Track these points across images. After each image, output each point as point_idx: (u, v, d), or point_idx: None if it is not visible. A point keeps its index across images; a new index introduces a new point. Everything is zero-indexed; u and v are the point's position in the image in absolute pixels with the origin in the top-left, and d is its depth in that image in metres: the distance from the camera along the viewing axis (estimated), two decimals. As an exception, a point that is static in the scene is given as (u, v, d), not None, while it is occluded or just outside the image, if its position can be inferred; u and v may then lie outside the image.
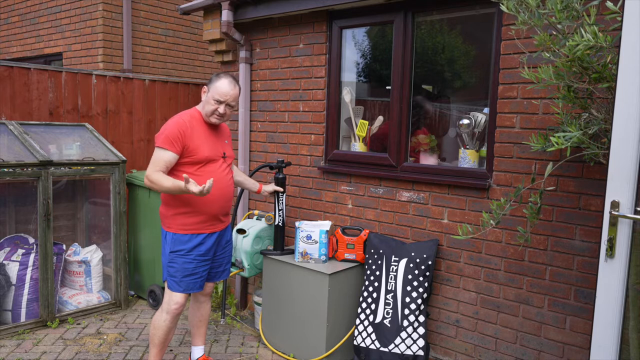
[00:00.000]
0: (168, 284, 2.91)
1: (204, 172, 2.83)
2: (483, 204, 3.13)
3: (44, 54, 7.35)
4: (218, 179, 2.86)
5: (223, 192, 2.91)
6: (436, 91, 3.99)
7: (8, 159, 3.65)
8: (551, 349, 2.93)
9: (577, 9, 2.13)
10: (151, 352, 3.02)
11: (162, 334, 2.95)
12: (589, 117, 2.30)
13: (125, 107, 5.08)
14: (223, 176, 2.92)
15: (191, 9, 4.46)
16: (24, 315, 3.78)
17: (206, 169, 2.84)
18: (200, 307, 3.19)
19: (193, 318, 3.21)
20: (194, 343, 3.26)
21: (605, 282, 1.95)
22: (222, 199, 2.91)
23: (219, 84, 2.85)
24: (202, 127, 2.88)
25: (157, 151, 2.77)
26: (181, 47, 7.32)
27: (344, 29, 3.82)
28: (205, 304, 3.19)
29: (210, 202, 2.84)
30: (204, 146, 2.83)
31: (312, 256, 3.44)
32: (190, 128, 2.80)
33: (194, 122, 2.85)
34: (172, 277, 2.88)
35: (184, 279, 2.86)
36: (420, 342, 3.20)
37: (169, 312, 2.91)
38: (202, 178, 2.79)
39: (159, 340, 2.97)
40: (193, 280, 2.89)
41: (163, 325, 2.93)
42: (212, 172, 2.85)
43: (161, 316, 2.94)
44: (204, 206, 2.84)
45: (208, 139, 2.88)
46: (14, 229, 4.24)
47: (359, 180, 3.74)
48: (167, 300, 2.91)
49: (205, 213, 2.86)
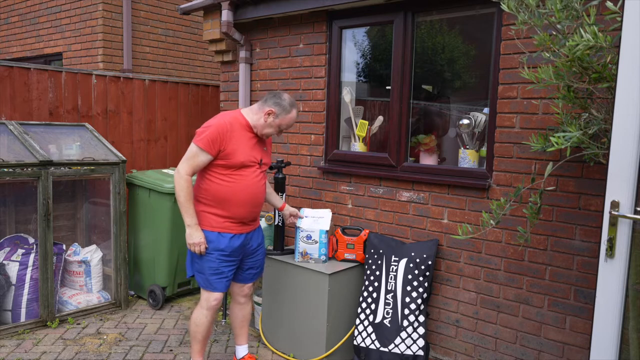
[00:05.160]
0: (197, 279, 2.96)
1: (237, 177, 2.84)
2: (483, 204, 3.13)
3: (44, 54, 7.36)
4: (250, 185, 2.87)
5: (253, 197, 2.91)
6: (436, 91, 3.99)
7: (8, 159, 3.64)
8: (551, 349, 2.93)
9: (576, 8, 2.13)
10: (194, 348, 3.06)
11: (205, 329, 3.01)
12: (589, 117, 2.30)
13: (125, 107, 5.08)
14: (255, 182, 2.91)
15: (191, 9, 4.46)
16: (24, 315, 3.78)
17: (240, 173, 2.85)
18: (242, 308, 3.21)
19: (235, 319, 3.24)
20: (238, 342, 3.28)
21: (605, 282, 1.95)
22: (251, 204, 2.91)
23: (292, 116, 2.92)
24: (243, 132, 2.86)
25: (195, 149, 2.77)
26: (181, 47, 7.32)
27: (344, 29, 3.82)
28: (246, 304, 3.22)
29: (240, 205, 2.86)
30: (240, 152, 2.82)
31: (312, 256, 3.44)
32: (230, 131, 2.79)
33: (236, 126, 2.84)
34: (198, 273, 2.93)
35: (209, 277, 2.90)
36: (420, 342, 3.20)
37: (209, 308, 2.97)
38: (234, 183, 2.82)
39: (202, 336, 3.03)
40: (217, 280, 2.91)
41: (205, 321, 2.99)
42: (245, 177, 2.86)
43: (201, 312, 2.99)
44: (234, 208, 2.85)
45: (246, 145, 2.87)
46: (14, 229, 4.23)
47: (359, 180, 3.74)
48: (206, 297, 2.96)
49: (234, 215, 2.87)
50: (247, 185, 2.86)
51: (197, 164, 2.79)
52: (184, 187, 2.78)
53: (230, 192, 2.82)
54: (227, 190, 2.82)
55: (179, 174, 2.79)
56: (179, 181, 2.79)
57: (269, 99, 2.89)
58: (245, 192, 2.85)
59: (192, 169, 2.79)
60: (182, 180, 2.78)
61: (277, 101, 2.87)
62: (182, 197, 2.79)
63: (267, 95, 2.95)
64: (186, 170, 2.78)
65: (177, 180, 2.80)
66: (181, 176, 2.78)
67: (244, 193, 2.85)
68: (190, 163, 2.78)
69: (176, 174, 2.80)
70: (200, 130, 2.81)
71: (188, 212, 2.80)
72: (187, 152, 2.82)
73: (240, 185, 2.84)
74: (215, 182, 2.83)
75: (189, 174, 2.79)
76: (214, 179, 2.83)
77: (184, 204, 2.79)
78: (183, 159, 2.81)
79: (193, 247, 2.83)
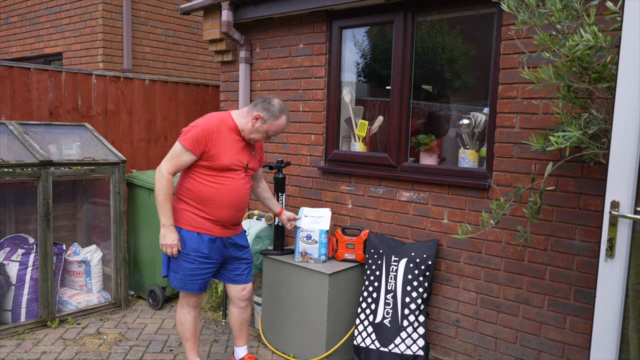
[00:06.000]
0: (169, 278, 2.93)
1: (221, 179, 2.80)
2: (483, 204, 3.13)
3: (44, 54, 7.36)
4: (234, 188, 2.84)
5: (237, 201, 2.87)
6: (436, 91, 3.99)
7: (8, 159, 3.65)
8: (551, 349, 2.93)
9: (576, 8, 2.13)
10: (186, 347, 3.06)
11: (191, 326, 3.01)
12: (588, 117, 2.30)
13: (125, 107, 5.08)
14: (239, 186, 2.86)
15: (191, 9, 4.46)
16: (24, 315, 3.78)
17: (224, 175, 2.81)
18: (242, 312, 3.17)
19: (235, 322, 3.19)
20: (237, 344, 3.25)
21: (605, 282, 1.95)
22: (234, 207, 2.87)
23: (280, 123, 2.87)
24: (230, 136, 2.82)
25: (179, 148, 2.74)
26: (181, 47, 7.32)
27: (344, 29, 3.82)
28: (247, 308, 3.18)
29: (222, 208, 2.82)
30: (225, 155, 2.78)
31: (312, 256, 3.44)
32: (216, 133, 2.75)
33: (224, 128, 2.80)
34: (174, 272, 2.89)
35: (184, 277, 2.86)
36: (420, 342, 3.20)
37: (189, 305, 2.98)
38: (218, 185, 2.79)
39: (190, 334, 3.03)
40: (192, 281, 2.88)
41: (189, 317, 2.99)
42: (229, 180, 2.82)
43: (182, 311, 3.00)
44: (216, 210, 2.81)
45: (232, 148, 2.82)
46: (14, 229, 4.23)
47: (359, 180, 3.74)
48: (184, 296, 2.96)
49: (215, 218, 2.83)
50: (231, 189, 2.82)
51: (180, 164, 2.75)
52: (164, 186, 2.74)
53: (214, 194, 2.79)
54: (210, 192, 2.79)
55: (160, 172, 2.74)
56: (160, 179, 2.74)
57: (259, 104, 2.85)
58: (229, 196, 2.82)
59: (175, 168, 2.76)
60: (163, 179, 2.74)
61: (266, 106, 2.82)
62: (160, 196, 2.74)
63: (258, 99, 2.91)
64: (168, 169, 2.74)
65: (157, 178, 2.75)
66: (162, 175, 2.74)
67: (228, 196, 2.81)
68: (173, 162, 2.75)
69: (157, 172, 2.76)
70: (186, 129, 2.77)
71: (164, 211, 2.76)
72: (171, 150, 2.78)
73: (224, 188, 2.80)
74: (198, 181, 2.79)
75: (170, 172, 2.75)
76: (197, 179, 2.80)
77: (161, 202, 2.75)
78: (166, 157, 2.77)
79: (165, 248, 2.80)
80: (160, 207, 2.76)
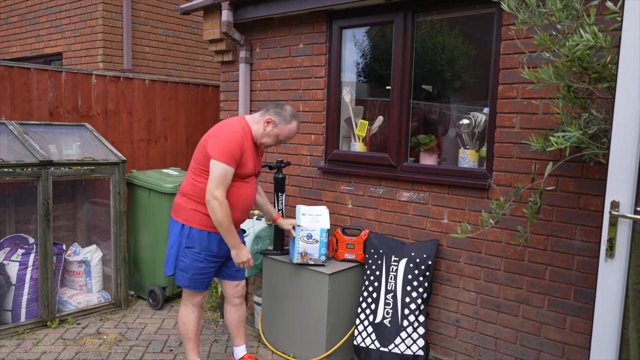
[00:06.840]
0: (176, 277, 2.94)
1: (240, 185, 2.85)
2: (483, 204, 3.13)
3: (44, 54, 7.36)
4: (247, 193, 2.90)
5: (248, 205, 2.95)
6: (436, 91, 3.99)
7: (8, 159, 3.65)
8: (551, 349, 2.93)
9: (577, 8, 2.13)
10: (187, 347, 3.07)
11: (194, 326, 3.03)
12: (588, 117, 2.30)
13: (125, 107, 5.08)
14: (251, 190, 2.94)
15: (191, 9, 4.46)
16: (24, 315, 3.78)
17: (243, 181, 2.86)
18: (237, 310, 3.19)
19: (231, 321, 3.21)
20: (236, 343, 3.27)
21: (605, 282, 1.95)
22: (243, 210, 2.94)
23: (291, 127, 2.91)
24: (250, 143, 2.87)
25: (220, 166, 2.69)
26: (181, 47, 7.32)
27: (344, 29, 3.82)
28: (241, 305, 3.21)
29: (235, 211, 2.84)
30: (249, 163, 2.84)
31: (312, 256, 3.42)
32: (243, 143, 2.79)
33: (247, 136, 2.84)
34: (182, 272, 2.90)
35: (193, 276, 2.89)
36: (420, 342, 3.20)
37: (194, 304, 3.00)
38: (238, 190, 2.82)
39: (192, 334, 3.05)
40: (200, 280, 2.92)
41: (193, 317, 3.01)
42: (246, 184, 2.88)
43: (186, 310, 3.01)
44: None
45: (252, 156, 2.88)
46: (14, 229, 4.23)
47: (358, 180, 3.74)
48: (189, 295, 2.98)
49: None
50: (245, 193, 2.88)
51: (228, 182, 2.74)
52: (227, 213, 2.70)
53: (232, 199, 2.80)
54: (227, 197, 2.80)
55: (218, 201, 2.67)
56: (221, 208, 2.68)
57: (271, 109, 2.91)
58: (243, 200, 2.88)
59: (226, 189, 2.74)
60: (223, 206, 2.69)
61: (277, 110, 2.89)
62: (225, 223, 2.71)
63: (270, 104, 2.97)
64: (223, 194, 2.70)
65: (215, 207, 2.67)
66: (221, 202, 2.68)
67: (242, 200, 2.87)
68: (224, 184, 2.71)
69: (213, 200, 2.67)
70: (217, 144, 2.72)
71: (232, 234, 2.77)
72: (213, 172, 2.70)
73: (241, 192, 2.85)
74: None
75: (225, 196, 2.72)
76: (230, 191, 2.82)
77: (228, 228, 2.73)
78: (214, 182, 2.68)
79: (243, 265, 2.86)
80: (228, 232, 2.75)
